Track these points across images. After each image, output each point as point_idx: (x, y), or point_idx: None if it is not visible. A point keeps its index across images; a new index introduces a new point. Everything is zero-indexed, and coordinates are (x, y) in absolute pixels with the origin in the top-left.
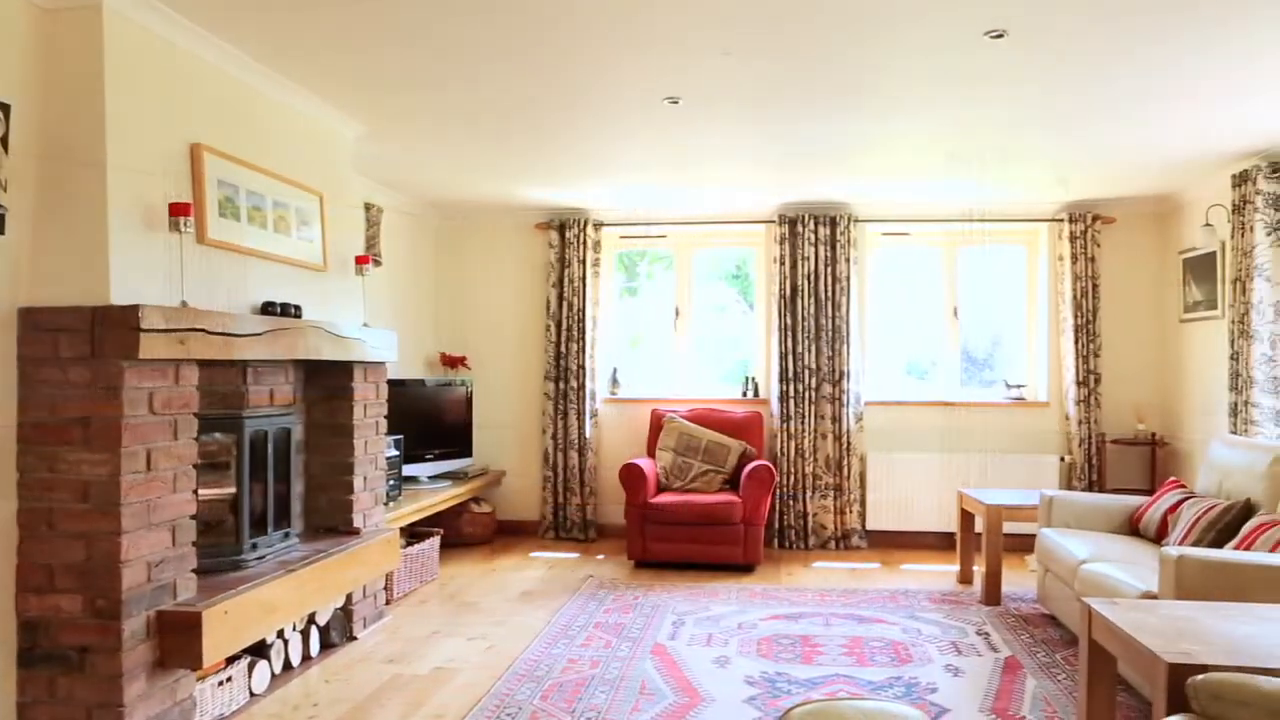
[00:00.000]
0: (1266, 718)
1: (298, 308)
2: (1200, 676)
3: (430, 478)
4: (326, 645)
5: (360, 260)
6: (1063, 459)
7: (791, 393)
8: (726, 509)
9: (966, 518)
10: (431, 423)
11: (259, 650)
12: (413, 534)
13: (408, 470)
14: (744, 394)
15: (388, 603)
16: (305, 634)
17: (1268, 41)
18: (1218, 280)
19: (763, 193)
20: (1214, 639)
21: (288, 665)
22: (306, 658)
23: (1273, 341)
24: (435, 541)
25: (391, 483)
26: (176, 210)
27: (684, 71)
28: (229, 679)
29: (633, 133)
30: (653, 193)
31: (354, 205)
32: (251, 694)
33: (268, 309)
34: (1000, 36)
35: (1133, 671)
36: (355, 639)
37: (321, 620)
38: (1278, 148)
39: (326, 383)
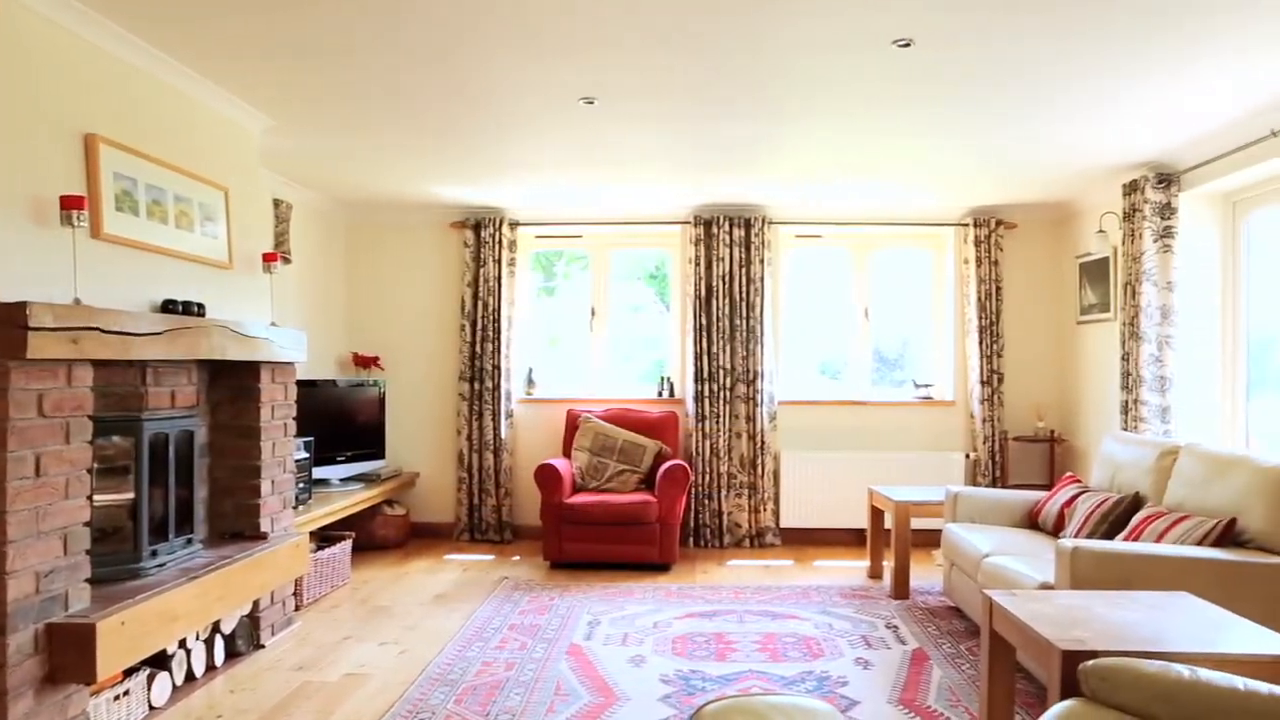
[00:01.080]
0: (1150, 698)
1: (201, 306)
2: (1090, 662)
3: (342, 480)
4: (232, 654)
5: (268, 258)
6: (968, 456)
7: (706, 393)
8: (642, 508)
9: (876, 514)
10: (343, 424)
11: (159, 661)
12: (323, 538)
13: (318, 473)
14: (660, 394)
15: (297, 609)
16: (209, 643)
17: (1155, 61)
18: (1110, 284)
19: (679, 194)
20: (1104, 626)
21: (190, 676)
22: (211, 667)
23: (1159, 343)
24: (347, 545)
25: (301, 486)
26: (69, 203)
27: (599, 72)
28: (126, 692)
29: (548, 132)
30: (569, 193)
31: (261, 201)
32: (151, 707)
33: (169, 307)
34: (907, 46)
35: (1031, 659)
36: (262, 647)
37: (227, 628)
38: (1164, 159)
39: (232, 383)
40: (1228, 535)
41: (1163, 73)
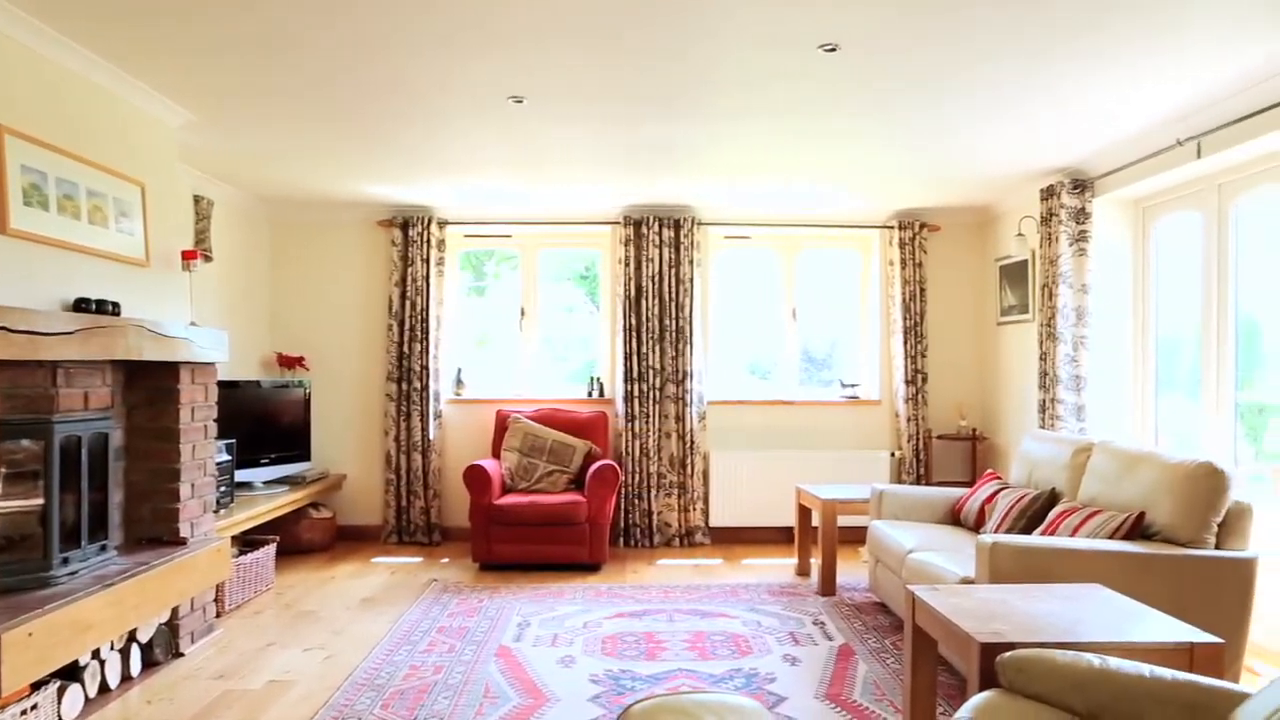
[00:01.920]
0: (1063, 687)
1: (116, 305)
2: (1007, 654)
3: (266, 483)
4: (149, 664)
5: (187, 255)
6: (893, 454)
7: (636, 393)
8: (572, 509)
9: (804, 512)
10: (267, 425)
11: (70, 673)
12: (246, 542)
13: (241, 475)
14: (590, 394)
15: (219, 615)
16: (125, 653)
17: (1067, 70)
18: (1029, 286)
19: (608, 194)
20: (1021, 619)
21: (104, 688)
22: (126, 678)
23: (1074, 343)
24: (271, 549)
25: (223, 489)
26: None
27: (528, 71)
28: (34, 707)
29: (477, 131)
30: (498, 192)
31: (181, 197)
32: None
33: (81, 306)
34: (833, 50)
35: (952, 652)
36: (182, 655)
37: (144, 637)
38: (1079, 165)
39: (149, 385)
40: (1137, 528)
41: (1075, 81)
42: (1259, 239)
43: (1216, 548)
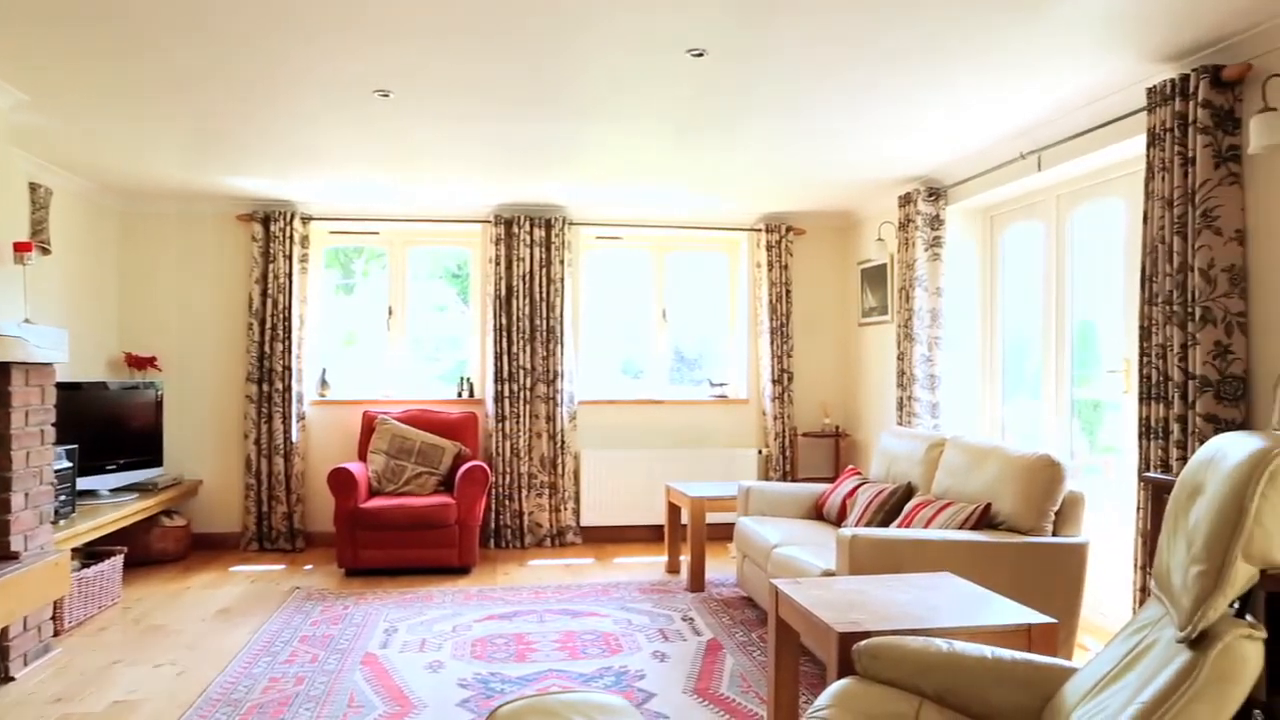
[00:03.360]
0: (912, 672)
1: None
2: (862, 642)
3: (112, 491)
4: None
5: (20, 247)
6: (760, 452)
7: (507, 393)
8: (440, 511)
9: (674, 510)
10: (115, 430)
11: None
12: (90, 554)
13: (85, 483)
14: (460, 394)
15: (56, 634)
16: None
17: (922, 83)
18: (888, 289)
19: (479, 192)
20: (877, 608)
21: None
22: None
23: (929, 344)
24: (117, 561)
25: (63, 498)
26: None
27: (395, 65)
28: None
29: (341, 124)
30: (365, 188)
31: (13, 184)
32: None
33: None
34: (701, 55)
35: (813, 642)
36: (13, 679)
37: None
38: (933, 174)
39: None
40: (984, 518)
41: (928, 93)
42: (1092, 248)
43: (1053, 534)
